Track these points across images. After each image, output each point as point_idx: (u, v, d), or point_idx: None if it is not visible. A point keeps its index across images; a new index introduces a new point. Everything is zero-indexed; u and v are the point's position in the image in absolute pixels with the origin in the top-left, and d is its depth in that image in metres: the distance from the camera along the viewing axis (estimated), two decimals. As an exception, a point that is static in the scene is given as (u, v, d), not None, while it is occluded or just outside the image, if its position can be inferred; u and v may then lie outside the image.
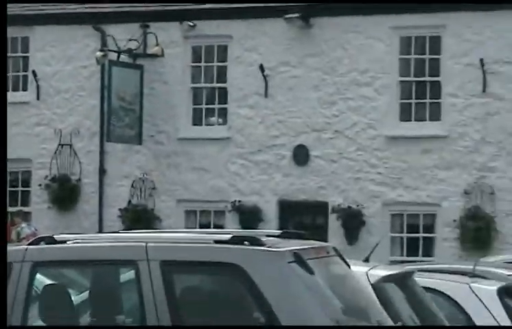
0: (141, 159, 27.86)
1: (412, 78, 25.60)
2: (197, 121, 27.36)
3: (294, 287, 8.29)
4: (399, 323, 9.51)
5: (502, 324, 11.68)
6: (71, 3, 29.05)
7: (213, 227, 25.38)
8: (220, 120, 27.75)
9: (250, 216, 25.76)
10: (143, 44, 27.02)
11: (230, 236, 8.45)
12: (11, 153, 22.27)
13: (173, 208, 26.94)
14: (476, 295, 11.88)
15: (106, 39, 27.37)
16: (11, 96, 27.14)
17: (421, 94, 25.49)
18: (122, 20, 28.02)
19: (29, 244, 9.16)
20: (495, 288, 12.11)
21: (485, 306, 11.82)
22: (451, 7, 25.22)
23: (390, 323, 9.07)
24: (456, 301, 11.80)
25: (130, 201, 27.04)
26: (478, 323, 11.64)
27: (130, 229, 19.00)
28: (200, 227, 25.95)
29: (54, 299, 9.11)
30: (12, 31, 26.63)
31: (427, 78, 25.19)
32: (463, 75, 24.57)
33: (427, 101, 25.37)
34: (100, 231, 25.53)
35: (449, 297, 11.88)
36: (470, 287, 12.09)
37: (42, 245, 9.07)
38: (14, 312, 8.75)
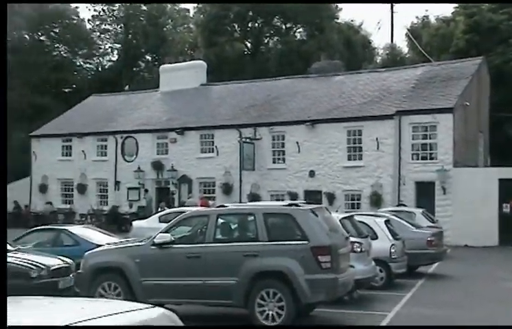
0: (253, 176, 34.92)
1: (351, 145, 31.16)
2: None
3: (311, 221, 10.75)
4: (349, 234, 12.49)
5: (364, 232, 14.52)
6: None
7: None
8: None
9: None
10: (254, 135, 33.28)
11: (288, 203, 12.11)
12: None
13: (266, 196, 32.54)
14: (376, 223, 16.08)
15: (241, 133, 33.56)
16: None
17: (353, 150, 31.16)
18: (247, 126, 33.96)
19: (216, 207, 12.53)
20: (383, 219, 16.52)
21: (380, 227, 15.98)
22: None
23: (345, 234, 11.94)
24: (369, 225, 15.70)
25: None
26: (378, 234, 15.48)
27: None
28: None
29: (224, 226, 11.70)
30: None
31: (357, 144, 30.99)
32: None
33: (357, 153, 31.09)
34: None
35: (367, 224, 15.53)
36: (374, 220, 16.32)
37: (221, 208, 12.18)
38: (211, 231, 11.21)
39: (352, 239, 12.89)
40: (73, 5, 59.25)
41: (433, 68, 34.91)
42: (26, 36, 57.40)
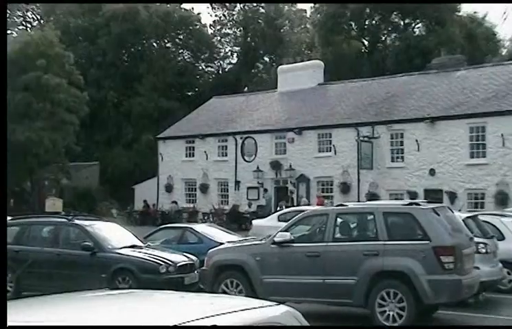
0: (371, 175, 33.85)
1: (474, 142, 30.01)
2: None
3: (433, 221, 10.61)
4: (473, 234, 12.11)
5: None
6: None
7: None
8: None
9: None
10: (372, 134, 32.56)
11: (408, 202, 12.02)
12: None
13: (385, 195, 31.64)
14: (503, 223, 15.55)
15: (359, 132, 32.87)
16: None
17: (476, 148, 29.98)
18: (365, 125, 33.14)
19: (336, 206, 12.95)
20: (510, 219, 15.76)
21: (507, 227, 15.39)
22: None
23: (469, 234, 11.73)
24: (494, 225, 15.33)
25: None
26: (504, 235, 14.90)
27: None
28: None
29: (343, 224, 11.43)
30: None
31: (480, 141, 29.86)
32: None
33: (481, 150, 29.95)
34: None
35: (492, 224, 15.33)
36: (500, 219, 15.72)
37: (340, 207, 12.29)
38: (330, 230, 11.22)
39: (476, 240, 12.46)
40: (196, 11, 61.53)
41: None
42: (154, 44, 60.18)
